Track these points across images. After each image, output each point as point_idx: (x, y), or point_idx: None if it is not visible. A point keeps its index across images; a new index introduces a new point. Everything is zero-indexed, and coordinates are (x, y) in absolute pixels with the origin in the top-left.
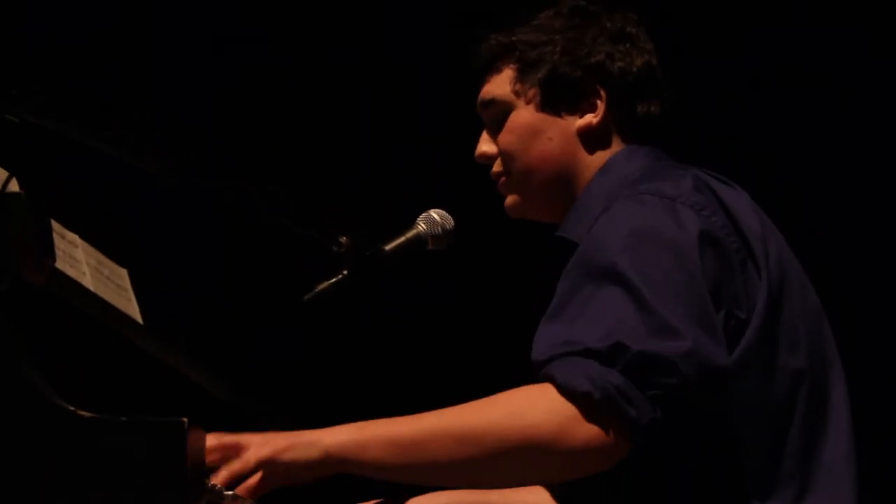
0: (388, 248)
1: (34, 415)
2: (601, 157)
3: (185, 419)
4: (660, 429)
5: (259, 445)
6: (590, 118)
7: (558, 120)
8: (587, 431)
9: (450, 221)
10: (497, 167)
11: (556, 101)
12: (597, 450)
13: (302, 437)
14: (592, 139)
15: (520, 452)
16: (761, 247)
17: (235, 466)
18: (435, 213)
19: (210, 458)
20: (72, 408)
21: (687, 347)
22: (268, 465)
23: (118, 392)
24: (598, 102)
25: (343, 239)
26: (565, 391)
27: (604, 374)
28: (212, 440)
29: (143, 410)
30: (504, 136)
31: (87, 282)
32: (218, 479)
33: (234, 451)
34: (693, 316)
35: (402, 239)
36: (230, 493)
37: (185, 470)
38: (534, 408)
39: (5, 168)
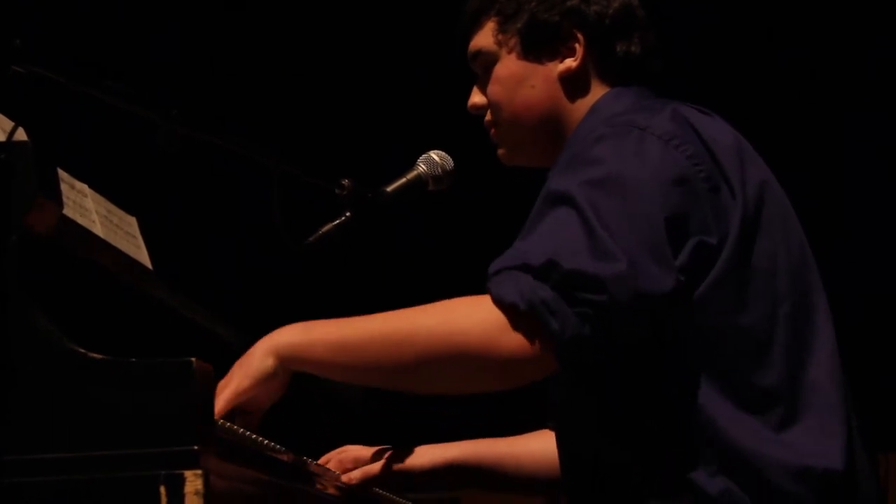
0: (389, 189)
1: (47, 357)
2: (586, 99)
3: (194, 359)
4: (587, 347)
5: (219, 392)
6: (569, 62)
7: (539, 67)
8: (511, 340)
9: (450, 162)
10: (488, 117)
11: (535, 47)
12: (521, 359)
13: (253, 355)
14: (574, 83)
15: (449, 358)
16: (738, 170)
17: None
18: (435, 155)
19: None
20: (82, 350)
21: (619, 270)
22: (237, 402)
23: (129, 337)
24: (577, 46)
25: (345, 181)
26: (496, 301)
27: (534, 287)
28: None
29: (153, 354)
30: (491, 87)
31: (98, 230)
32: None
33: None
34: (639, 244)
35: (404, 180)
36: (246, 431)
37: (195, 408)
38: (467, 316)
39: (13, 119)
